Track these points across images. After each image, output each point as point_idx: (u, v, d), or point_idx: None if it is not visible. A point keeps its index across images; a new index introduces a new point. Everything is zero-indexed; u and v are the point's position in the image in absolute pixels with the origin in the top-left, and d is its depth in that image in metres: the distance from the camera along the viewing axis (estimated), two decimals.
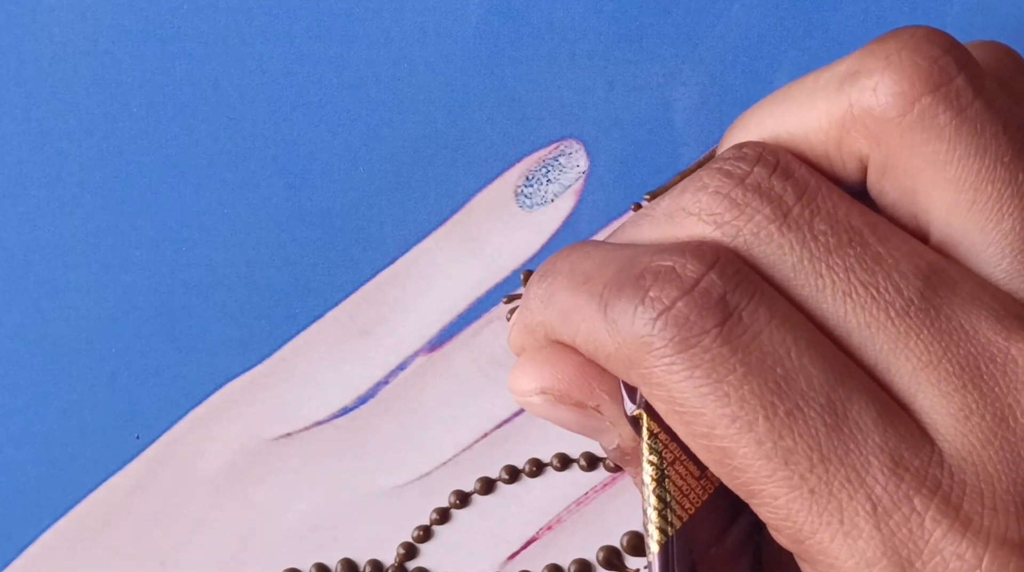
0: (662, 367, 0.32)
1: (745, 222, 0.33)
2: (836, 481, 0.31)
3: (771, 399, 0.32)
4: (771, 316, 0.32)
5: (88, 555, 0.44)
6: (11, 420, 0.44)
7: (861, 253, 0.33)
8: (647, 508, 0.33)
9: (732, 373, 0.32)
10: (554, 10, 0.44)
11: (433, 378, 0.44)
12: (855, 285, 0.32)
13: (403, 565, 0.44)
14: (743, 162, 0.33)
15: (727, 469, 0.32)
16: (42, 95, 0.44)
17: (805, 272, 0.33)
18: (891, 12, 0.44)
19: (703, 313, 0.32)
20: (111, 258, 0.44)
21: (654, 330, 0.32)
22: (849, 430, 0.32)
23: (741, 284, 0.32)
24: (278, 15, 0.44)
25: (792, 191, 0.33)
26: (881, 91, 0.33)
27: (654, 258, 0.33)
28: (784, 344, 0.32)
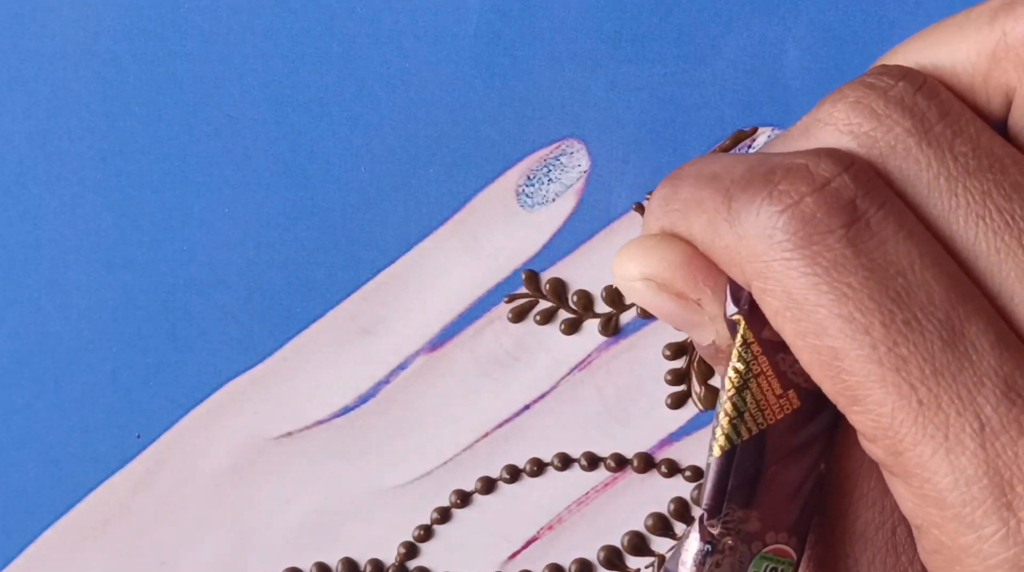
0: (781, 261, 0.32)
1: (884, 133, 0.32)
2: (946, 396, 0.31)
3: (890, 306, 0.31)
4: (899, 227, 0.32)
5: (88, 554, 0.44)
6: (11, 420, 0.44)
7: (1000, 179, 0.32)
8: (719, 413, 0.33)
9: (853, 275, 0.31)
10: (554, 10, 0.44)
11: (434, 378, 0.44)
12: (990, 209, 0.32)
13: (404, 564, 0.44)
14: (887, 76, 0.33)
15: (833, 371, 0.32)
16: (42, 95, 0.44)
17: (940, 190, 0.32)
18: (893, 11, 0.44)
19: (831, 212, 0.31)
20: (111, 258, 0.44)
21: (778, 223, 0.31)
22: (965, 349, 0.31)
23: (873, 190, 0.32)
24: (278, 15, 0.44)
25: (936, 109, 0.32)
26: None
27: (787, 158, 0.32)
28: (909, 256, 0.31)
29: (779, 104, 0.44)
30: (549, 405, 0.44)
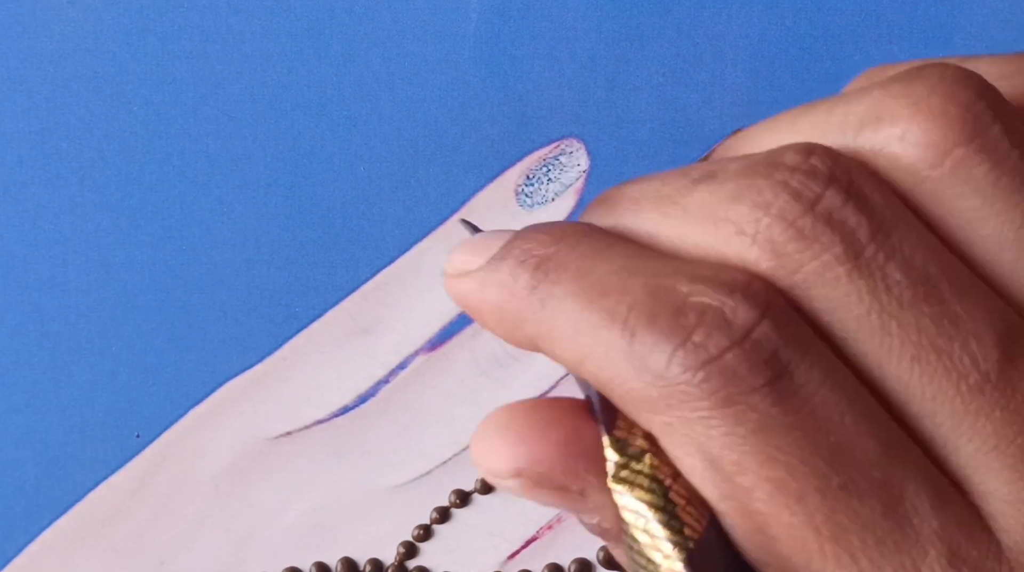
0: (698, 421, 0.28)
1: (810, 259, 0.29)
2: (890, 567, 0.28)
3: (824, 469, 0.28)
4: (824, 377, 0.28)
5: (88, 554, 0.44)
6: (11, 420, 0.44)
7: (938, 312, 0.29)
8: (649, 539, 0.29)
9: (783, 436, 0.28)
10: (554, 10, 0.44)
11: (433, 377, 0.44)
12: (927, 350, 0.29)
13: (403, 564, 0.44)
14: (814, 181, 0.29)
15: (763, 539, 0.29)
16: (42, 95, 0.44)
17: (871, 327, 0.29)
18: (892, 12, 0.44)
19: (753, 368, 0.28)
20: (111, 258, 0.44)
21: (694, 380, 0.28)
22: (905, 512, 0.28)
23: (795, 337, 0.28)
24: (278, 15, 0.44)
25: (867, 226, 0.29)
26: (910, 140, 0.29)
27: (694, 289, 0.28)
28: (839, 409, 0.28)
29: (779, 104, 0.44)
30: None
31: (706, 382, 0.28)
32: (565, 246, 0.30)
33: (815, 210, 0.29)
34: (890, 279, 0.29)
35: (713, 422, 0.28)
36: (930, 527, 0.28)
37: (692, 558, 0.29)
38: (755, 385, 0.28)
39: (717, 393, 0.28)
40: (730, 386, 0.28)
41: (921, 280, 0.29)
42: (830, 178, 0.29)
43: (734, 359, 0.28)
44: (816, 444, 0.28)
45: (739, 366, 0.28)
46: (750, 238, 0.29)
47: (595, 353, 0.29)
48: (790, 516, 0.28)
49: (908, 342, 0.28)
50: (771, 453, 0.28)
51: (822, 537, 0.28)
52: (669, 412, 0.28)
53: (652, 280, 0.28)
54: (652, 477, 0.29)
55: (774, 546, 0.29)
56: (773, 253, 0.29)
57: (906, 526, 0.28)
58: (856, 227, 0.29)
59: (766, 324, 0.28)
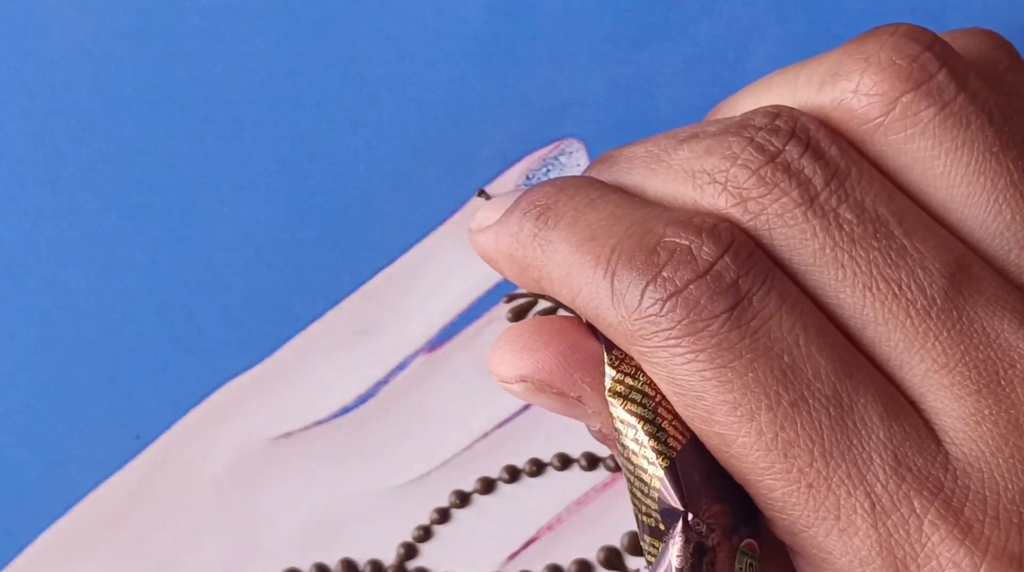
0: (666, 348, 0.32)
1: (771, 202, 0.32)
2: (836, 476, 0.31)
3: (776, 388, 0.31)
4: (782, 302, 0.32)
5: (88, 555, 0.44)
6: (11, 420, 0.44)
7: (886, 246, 0.32)
8: (637, 446, 0.32)
9: (738, 359, 0.31)
10: (554, 10, 0.44)
11: (433, 378, 0.44)
12: (876, 279, 0.32)
13: (403, 565, 0.44)
14: (776, 136, 0.33)
15: (724, 455, 0.32)
16: (42, 95, 0.44)
17: (826, 260, 0.32)
18: (892, 11, 0.44)
19: (714, 297, 0.31)
20: (111, 258, 0.44)
21: (662, 311, 0.31)
22: (853, 424, 0.31)
23: (754, 268, 0.32)
24: (278, 15, 0.44)
25: (821, 173, 0.32)
26: (861, 91, 0.33)
27: (668, 230, 0.32)
28: (793, 331, 0.31)
29: None
30: None
31: (672, 312, 0.31)
32: (564, 196, 0.34)
33: (776, 161, 0.32)
34: (842, 218, 0.32)
35: (679, 349, 0.31)
36: (877, 437, 0.31)
37: (673, 465, 0.32)
38: (715, 312, 0.31)
39: (682, 322, 0.31)
40: (693, 314, 0.31)
41: (871, 219, 0.32)
42: (791, 134, 0.33)
43: (696, 290, 0.31)
44: (769, 365, 0.31)
45: (701, 296, 0.31)
46: (721, 186, 0.33)
47: (584, 291, 0.32)
48: (744, 435, 0.31)
49: (859, 272, 0.32)
50: (727, 376, 0.31)
51: (772, 453, 0.31)
52: (644, 342, 0.32)
53: (634, 225, 0.32)
54: (643, 393, 0.32)
55: (734, 463, 0.32)
56: (739, 197, 0.32)
57: (853, 436, 0.31)
58: (812, 175, 0.32)
59: (727, 258, 0.32)
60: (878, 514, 0.31)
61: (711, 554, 0.32)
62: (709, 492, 0.32)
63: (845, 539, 0.31)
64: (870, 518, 0.31)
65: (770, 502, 0.32)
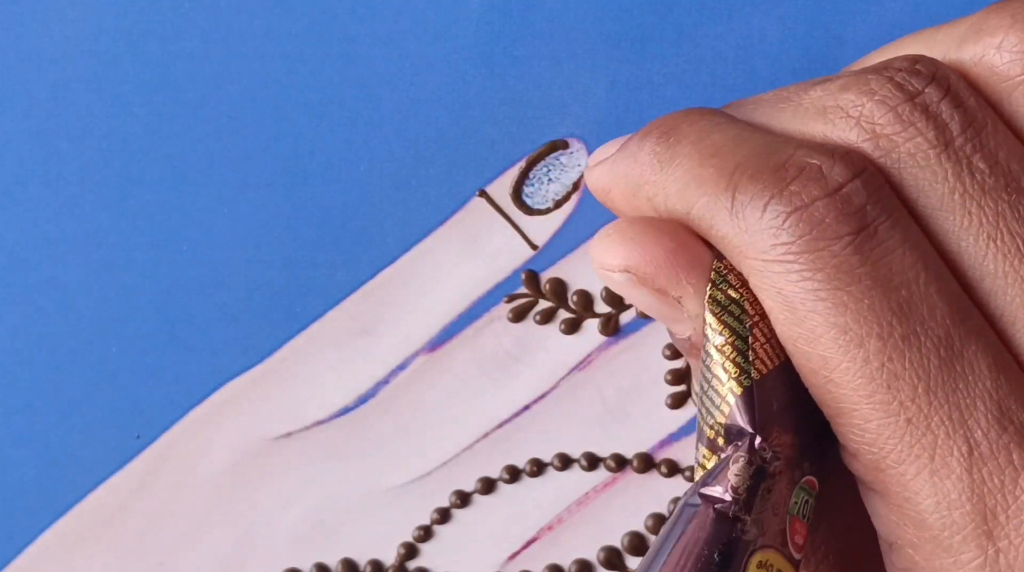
0: (781, 263, 0.31)
1: (905, 141, 0.32)
2: (937, 416, 0.30)
3: (890, 318, 0.31)
4: (906, 238, 0.31)
5: (88, 555, 0.44)
6: (11, 420, 0.44)
7: (1016, 201, 0.32)
8: (720, 358, 0.32)
9: (856, 284, 0.31)
10: (554, 10, 0.44)
11: (433, 378, 0.44)
12: (1002, 231, 0.32)
13: (403, 565, 0.44)
14: (916, 78, 0.32)
15: (821, 380, 0.31)
16: (42, 95, 0.44)
17: (953, 206, 0.32)
18: (893, 12, 0.44)
19: (840, 218, 0.31)
20: (111, 258, 0.44)
21: (784, 224, 0.31)
22: (961, 369, 0.31)
23: (883, 199, 0.31)
24: (278, 15, 0.44)
25: (959, 120, 0.32)
26: (1006, 48, 0.33)
27: (799, 151, 0.32)
28: (914, 268, 0.31)
29: None
30: (549, 405, 0.44)
31: (795, 226, 0.31)
32: (689, 120, 0.33)
33: (914, 100, 0.32)
34: (975, 167, 0.32)
35: (795, 266, 0.31)
36: (983, 385, 0.31)
37: (752, 387, 0.31)
38: (839, 233, 0.31)
39: (803, 237, 0.31)
40: (816, 232, 0.31)
41: (1003, 172, 0.32)
42: (931, 78, 0.32)
43: (823, 208, 0.31)
44: (886, 295, 0.31)
45: (827, 215, 0.31)
46: (854, 120, 0.32)
47: (701, 202, 0.32)
48: (850, 360, 0.31)
49: (986, 222, 0.32)
50: (842, 298, 0.31)
51: (875, 383, 0.31)
52: (759, 254, 0.31)
53: (760, 146, 0.32)
54: (742, 308, 0.32)
55: (832, 390, 0.31)
56: (873, 133, 0.32)
57: (959, 380, 0.31)
58: (949, 120, 0.32)
59: (858, 183, 0.31)
60: (975, 460, 0.30)
61: (770, 481, 0.31)
62: (783, 421, 0.32)
63: (936, 480, 0.31)
64: (966, 462, 0.30)
65: (862, 433, 0.31)
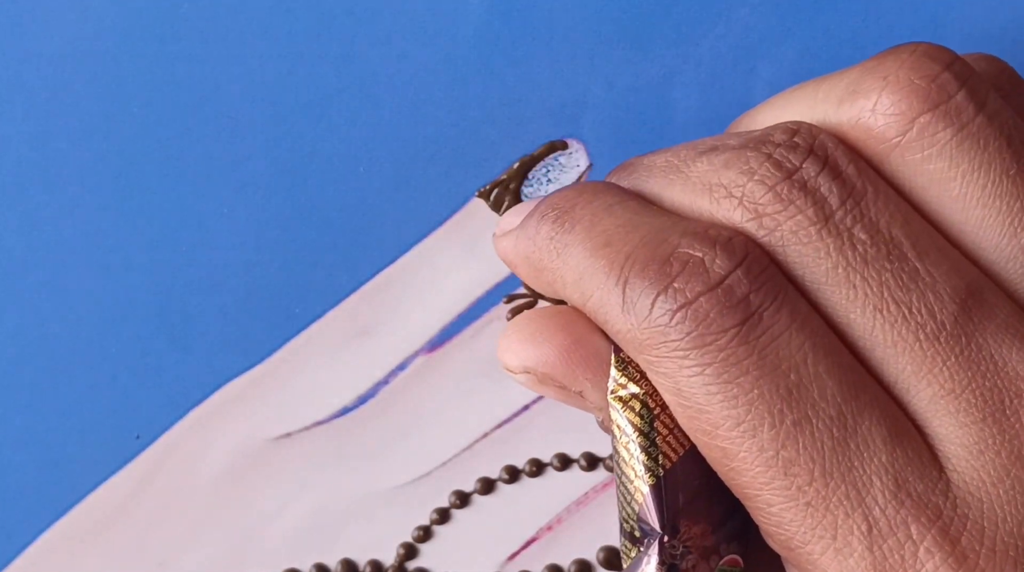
0: (673, 359, 0.32)
1: (786, 219, 0.32)
2: (835, 497, 0.31)
3: (780, 406, 0.31)
4: (792, 320, 0.32)
5: (88, 555, 0.44)
6: (11, 420, 0.44)
7: (898, 268, 0.32)
8: (628, 456, 0.32)
9: (744, 375, 0.31)
10: (554, 10, 0.44)
11: (433, 378, 0.44)
12: (887, 301, 0.32)
13: (403, 565, 0.44)
14: (794, 153, 0.33)
15: (724, 468, 0.32)
16: (42, 95, 0.44)
17: (838, 280, 0.32)
18: (892, 12, 0.44)
19: (724, 311, 0.31)
20: (111, 258, 0.44)
21: (672, 322, 0.31)
22: (856, 446, 0.31)
23: (766, 284, 0.32)
24: (278, 15, 0.44)
25: (837, 192, 0.32)
26: (879, 111, 0.33)
27: (683, 242, 0.32)
28: (802, 350, 0.31)
29: None
30: (549, 405, 0.44)
31: (682, 324, 0.31)
32: (582, 201, 0.34)
33: (792, 178, 0.32)
34: (856, 238, 0.32)
35: (686, 362, 0.31)
36: (879, 460, 0.31)
37: (659, 484, 0.32)
38: (724, 327, 0.31)
39: (691, 334, 0.31)
40: (702, 327, 0.31)
41: (885, 241, 0.32)
42: (809, 151, 0.33)
43: (707, 303, 0.31)
44: (775, 383, 0.31)
45: (711, 309, 0.31)
46: (737, 200, 0.33)
47: (595, 296, 0.33)
48: (746, 450, 0.31)
49: (871, 294, 0.32)
50: (732, 391, 0.31)
51: (772, 469, 0.31)
52: (651, 351, 0.32)
53: (649, 234, 0.32)
54: (643, 403, 0.33)
55: (734, 478, 0.32)
56: (755, 213, 0.32)
57: (855, 457, 0.31)
58: (828, 194, 0.32)
59: (740, 272, 0.31)
60: (874, 537, 0.31)
61: None
62: (692, 512, 0.32)
63: (840, 559, 0.31)
64: (866, 540, 0.31)
65: (768, 516, 0.32)
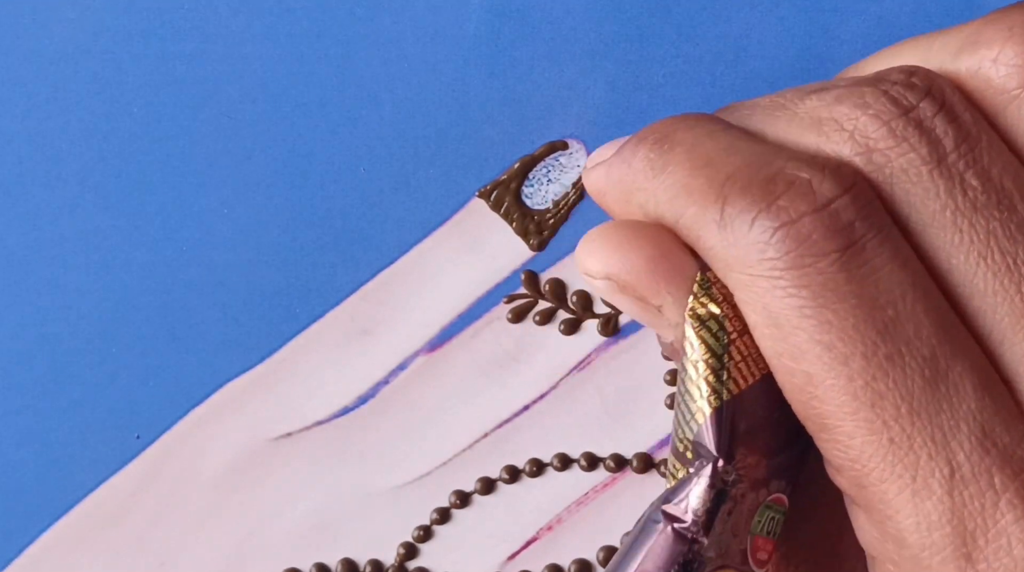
0: (768, 278, 0.31)
1: (898, 156, 0.32)
2: (920, 437, 0.30)
3: (874, 338, 0.31)
4: (894, 255, 0.31)
5: (88, 555, 0.44)
6: (11, 420, 0.44)
7: (1007, 219, 0.31)
8: (695, 374, 0.32)
9: (841, 302, 0.31)
10: (554, 10, 0.44)
11: (433, 378, 0.44)
12: (993, 250, 0.31)
13: (403, 565, 0.44)
14: (911, 92, 0.32)
15: (805, 396, 0.31)
16: (42, 95, 0.44)
17: (944, 223, 0.32)
18: (892, 12, 0.44)
19: (828, 234, 0.31)
20: (111, 258, 0.44)
21: (771, 239, 0.31)
22: (946, 389, 0.31)
23: (872, 215, 0.31)
24: (278, 15, 0.44)
25: (953, 135, 0.32)
26: (1002, 62, 0.32)
27: (789, 164, 0.31)
28: (901, 286, 0.31)
29: None
30: (549, 405, 0.44)
31: (782, 242, 0.31)
32: (684, 126, 0.33)
33: (908, 115, 0.32)
34: (967, 184, 0.31)
35: (781, 282, 0.31)
36: (968, 406, 0.30)
37: (721, 408, 0.31)
38: (826, 250, 0.31)
39: (790, 253, 0.31)
40: (803, 248, 0.31)
41: (996, 189, 0.32)
42: (926, 92, 0.32)
43: (811, 224, 0.31)
44: (871, 314, 0.31)
45: (814, 231, 0.31)
46: (848, 133, 0.32)
47: (690, 212, 0.32)
48: (834, 378, 0.31)
49: (977, 240, 0.31)
50: (827, 316, 0.31)
51: (859, 401, 0.31)
52: (745, 269, 0.31)
53: (753, 156, 0.32)
54: (720, 324, 0.32)
55: (816, 407, 0.31)
56: (866, 147, 0.32)
57: (943, 401, 0.30)
58: (943, 135, 0.32)
59: (847, 198, 0.31)
60: (956, 482, 0.30)
61: (731, 503, 0.31)
62: (750, 442, 0.32)
63: (917, 500, 0.30)
64: (947, 484, 0.30)
65: (846, 450, 0.31)
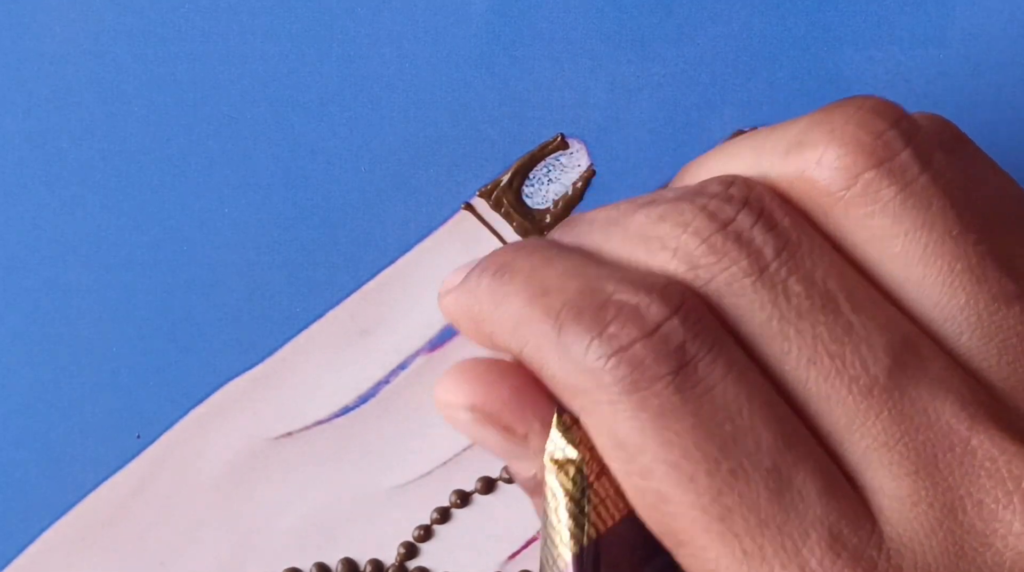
0: (608, 404, 0.31)
1: (721, 271, 0.32)
2: (771, 547, 0.31)
3: (716, 454, 0.31)
4: (728, 370, 0.31)
5: (88, 555, 0.44)
6: (11, 420, 0.44)
7: (832, 321, 0.32)
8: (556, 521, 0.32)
9: (680, 422, 0.31)
10: (555, 10, 0.44)
11: (434, 378, 0.44)
12: (821, 354, 0.32)
13: (404, 565, 0.44)
14: (729, 204, 0.33)
15: (658, 513, 0.32)
16: (42, 95, 0.44)
17: (772, 332, 0.32)
18: (891, 12, 0.44)
19: (659, 358, 0.31)
20: (111, 258, 0.44)
21: (606, 366, 0.31)
22: (791, 497, 0.31)
23: (702, 333, 0.32)
24: (278, 15, 0.44)
25: (773, 244, 0.32)
26: (824, 164, 0.33)
27: (619, 289, 0.32)
28: (737, 400, 0.31)
29: (779, 104, 0.44)
30: None
31: (616, 369, 0.31)
32: (522, 255, 0.34)
33: (726, 229, 0.32)
34: (791, 290, 0.32)
35: (620, 407, 0.31)
36: (814, 513, 0.31)
37: (582, 552, 0.32)
38: (659, 374, 0.31)
39: (625, 379, 0.31)
40: (636, 374, 0.31)
41: (820, 293, 0.32)
42: (743, 203, 0.33)
43: (642, 349, 0.31)
44: (711, 431, 0.31)
45: (646, 356, 0.31)
46: (671, 251, 0.32)
47: (531, 342, 0.32)
48: (682, 495, 0.31)
49: (805, 346, 0.32)
50: (669, 437, 0.31)
51: (709, 516, 0.31)
52: (585, 396, 0.32)
53: (586, 282, 0.32)
54: (579, 469, 0.32)
55: (669, 523, 0.32)
56: (689, 264, 0.32)
57: (790, 510, 0.31)
58: (763, 245, 0.32)
59: (676, 320, 0.31)
60: None
61: None
62: None
63: None
64: None
65: (703, 563, 0.31)
